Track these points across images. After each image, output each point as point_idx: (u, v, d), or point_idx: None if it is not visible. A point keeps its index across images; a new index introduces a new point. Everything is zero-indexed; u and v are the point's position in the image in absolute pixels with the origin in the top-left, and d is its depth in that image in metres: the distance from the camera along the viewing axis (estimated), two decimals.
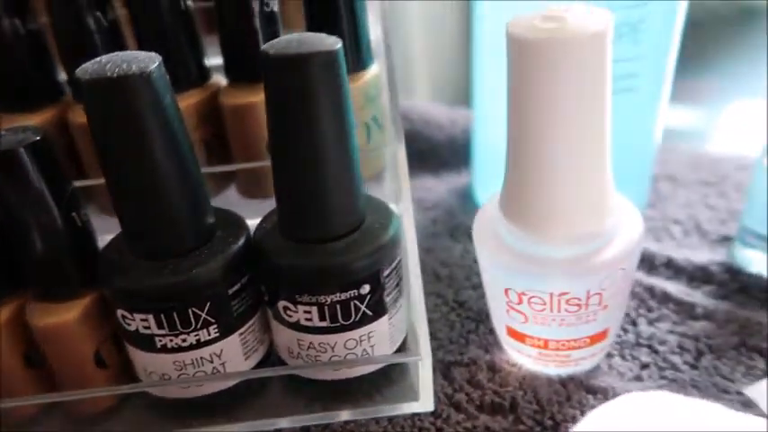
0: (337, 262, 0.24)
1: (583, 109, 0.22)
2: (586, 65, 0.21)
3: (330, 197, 0.24)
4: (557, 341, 0.26)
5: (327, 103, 0.23)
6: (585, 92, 0.21)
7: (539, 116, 0.22)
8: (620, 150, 0.34)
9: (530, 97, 0.22)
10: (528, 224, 0.24)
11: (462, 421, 0.27)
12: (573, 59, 0.20)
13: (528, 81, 0.21)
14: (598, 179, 0.23)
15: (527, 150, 0.23)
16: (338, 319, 0.25)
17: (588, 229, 0.24)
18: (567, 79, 0.21)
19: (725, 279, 0.33)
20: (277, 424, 0.27)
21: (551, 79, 0.21)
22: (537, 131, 0.22)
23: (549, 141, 0.22)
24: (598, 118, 0.22)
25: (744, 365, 0.28)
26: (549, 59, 0.20)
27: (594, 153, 0.23)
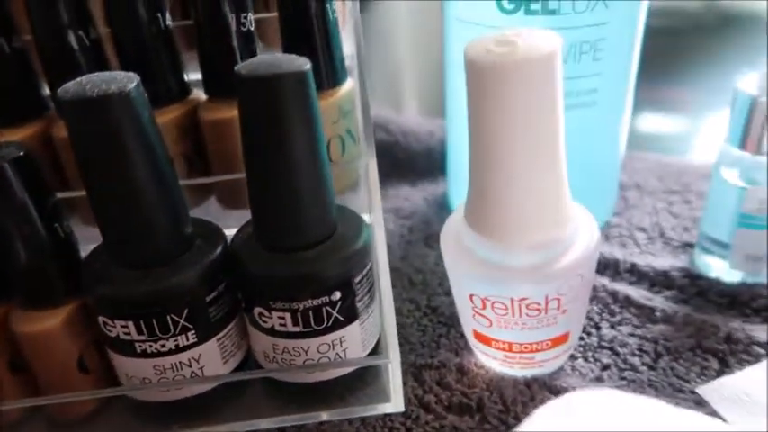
0: (309, 270, 0.26)
1: (536, 125, 0.23)
2: (537, 84, 0.22)
3: (302, 208, 0.26)
4: (520, 344, 0.28)
5: (298, 121, 0.24)
6: (538, 109, 0.23)
7: (495, 133, 0.23)
8: (586, 161, 0.36)
9: (486, 115, 0.23)
10: (489, 233, 0.26)
11: (431, 421, 0.28)
12: (524, 80, 0.22)
13: (483, 100, 0.23)
14: (554, 190, 0.25)
15: (486, 164, 0.24)
16: (311, 325, 0.27)
17: (546, 238, 0.25)
18: (520, 98, 0.22)
19: (684, 284, 0.34)
20: (254, 426, 0.28)
21: (505, 98, 0.22)
22: (494, 147, 0.24)
23: (505, 156, 0.24)
24: (551, 133, 0.24)
25: (699, 366, 0.29)
26: (502, 81, 0.22)
27: (549, 166, 0.24)
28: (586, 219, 0.27)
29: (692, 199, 0.42)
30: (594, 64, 0.32)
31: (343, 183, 0.34)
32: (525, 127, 0.23)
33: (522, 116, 0.23)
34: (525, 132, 0.23)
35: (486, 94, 0.23)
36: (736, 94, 0.31)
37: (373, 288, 0.29)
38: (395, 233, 0.42)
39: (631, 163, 0.47)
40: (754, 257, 0.33)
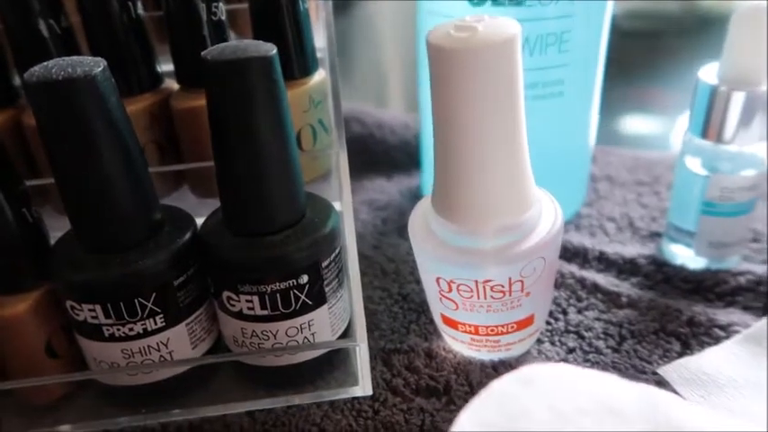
0: (276, 253, 0.26)
1: (496, 110, 0.24)
2: (496, 69, 0.23)
3: (269, 193, 0.26)
4: (486, 327, 0.28)
5: (264, 106, 0.24)
6: (498, 94, 0.23)
7: (456, 117, 0.24)
8: (556, 152, 0.37)
9: (447, 100, 0.24)
10: (453, 217, 0.26)
11: (398, 404, 0.28)
12: (483, 64, 0.22)
13: (445, 85, 0.23)
14: (517, 175, 0.25)
15: (449, 149, 0.25)
16: (279, 308, 0.27)
17: (509, 222, 0.26)
18: (479, 82, 0.23)
19: (651, 271, 0.35)
20: (224, 410, 0.28)
21: (465, 83, 0.23)
22: (456, 131, 0.24)
23: (467, 140, 0.24)
24: (512, 118, 0.24)
25: (661, 348, 0.30)
26: (461, 65, 0.22)
27: (511, 150, 0.25)
28: (550, 203, 0.28)
29: (661, 190, 0.43)
30: (561, 55, 0.33)
31: (316, 172, 0.35)
32: (486, 111, 0.23)
33: (482, 101, 0.23)
34: (486, 117, 0.23)
35: (446, 79, 0.23)
36: (697, 83, 0.32)
37: (342, 273, 0.29)
38: (368, 223, 0.42)
39: (605, 156, 0.47)
40: (717, 244, 0.34)
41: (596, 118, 0.38)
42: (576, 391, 0.20)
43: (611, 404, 0.19)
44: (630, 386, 0.20)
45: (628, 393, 0.20)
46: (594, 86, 0.36)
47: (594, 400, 0.19)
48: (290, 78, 0.32)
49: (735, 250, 0.34)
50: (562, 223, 0.27)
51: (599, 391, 0.20)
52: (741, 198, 0.32)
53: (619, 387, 0.20)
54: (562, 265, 0.36)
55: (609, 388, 0.20)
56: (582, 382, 0.20)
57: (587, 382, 0.20)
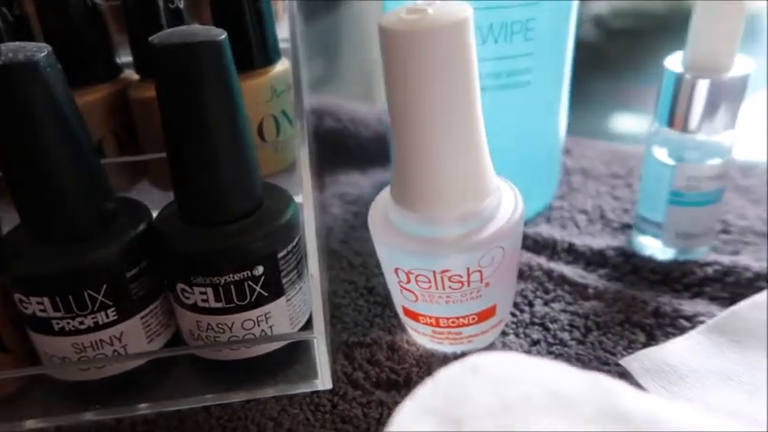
0: (230, 243, 0.25)
1: (450, 95, 0.23)
2: (448, 52, 0.22)
3: (222, 182, 0.25)
4: (446, 318, 0.28)
5: (214, 92, 0.24)
6: (450, 78, 0.23)
7: (409, 103, 0.23)
8: (525, 143, 0.36)
9: (400, 85, 0.23)
10: (410, 205, 0.26)
11: (358, 397, 0.28)
12: (434, 48, 0.22)
13: (396, 70, 0.23)
14: (473, 162, 0.25)
15: (404, 136, 0.24)
16: (234, 300, 0.26)
17: (466, 210, 0.25)
18: (430, 66, 0.22)
19: (619, 262, 0.35)
20: (180, 404, 0.28)
21: (415, 67, 0.22)
22: (409, 118, 0.24)
23: (421, 126, 0.24)
24: (466, 103, 0.24)
25: (626, 340, 0.30)
26: (411, 48, 0.22)
27: (466, 136, 0.24)
28: (510, 192, 0.28)
29: (635, 182, 0.43)
30: (527, 44, 0.33)
31: (280, 164, 0.34)
32: (439, 96, 0.23)
33: (434, 85, 0.23)
34: (439, 102, 0.23)
35: (398, 63, 0.23)
36: (663, 72, 0.31)
37: (302, 265, 0.28)
38: (339, 217, 0.41)
39: (580, 149, 0.47)
40: (684, 235, 0.34)
41: (566, 109, 0.38)
42: (523, 378, 0.19)
43: (558, 392, 0.19)
44: (581, 375, 0.20)
45: (578, 382, 0.20)
46: (563, 76, 0.36)
47: (542, 388, 0.19)
48: (250, 68, 0.32)
49: (703, 241, 0.34)
50: (522, 212, 0.27)
51: (548, 378, 0.19)
52: (708, 187, 0.32)
53: (569, 375, 0.20)
54: (531, 257, 0.35)
55: (558, 376, 0.20)
56: (530, 369, 0.20)
57: (536, 371, 0.20)
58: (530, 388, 0.19)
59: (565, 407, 0.19)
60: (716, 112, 0.31)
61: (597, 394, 0.20)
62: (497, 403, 0.18)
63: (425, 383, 0.19)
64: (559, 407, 0.19)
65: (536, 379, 0.19)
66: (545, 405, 0.19)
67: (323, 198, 0.44)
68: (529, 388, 0.19)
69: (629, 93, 0.64)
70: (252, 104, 0.31)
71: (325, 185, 0.46)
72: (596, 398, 0.20)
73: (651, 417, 0.19)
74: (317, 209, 0.36)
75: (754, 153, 0.45)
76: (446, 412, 0.18)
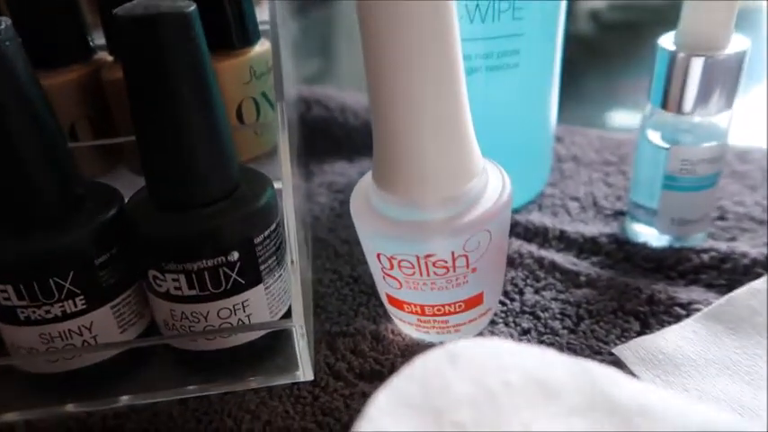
0: (202, 227, 0.24)
1: (431, 68, 0.22)
2: (426, 24, 0.21)
3: (193, 163, 0.24)
4: (432, 306, 0.27)
5: (182, 67, 0.23)
6: (430, 49, 0.22)
7: (388, 78, 0.22)
8: (514, 128, 0.35)
9: (378, 57, 0.22)
10: (391, 187, 0.25)
11: (340, 389, 0.27)
12: (412, 17, 0.21)
13: (374, 40, 0.22)
14: (457, 141, 0.24)
15: (384, 114, 0.23)
16: (208, 288, 0.25)
17: (449, 192, 0.24)
18: (409, 37, 0.21)
19: (612, 249, 0.34)
20: (154, 397, 0.27)
21: (394, 37, 0.21)
22: (389, 94, 0.23)
23: (401, 103, 0.23)
24: (448, 77, 0.23)
25: (619, 328, 0.29)
26: (389, 17, 0.21)
27: (450, 114, 0.23)
28: (498, 174, 0.26)
29: (628, 169, 0.41)
30: (515, 23, 0.31)
31: (261, 148, 0.33)
32: (419, 70, 0.22)
33: (414, 57, 0.21)
34: (420, 76, 0.22)
35: (375, 33, 0.21)
36: (657, 50, 0.30)
37: (281, 252, 0.27)
38: (326, 206, 0.40)
39: (572, 137, 0.46)
40: (680, 221, 0.33)
41: (557, 94, 0.37)
42: (505, 366, 0.18)
43: (544, 379, 0.18)
44: (568, 361, 0.19)
45: (564, 369, 0.19)
46: (554, 60, 0.35)
47: (526, 376, 0.18)
48: (228, 47, 0.30)
49: (699, 227, 0.33)
50: (510, 195, 0.26)
51: (532, 366, 0.18)
52: (703, 171, 0.31)
53: (554, 362, 0.19)
54: (521, 245, 0.34)
55: (543, 363, 0.18)
56: (513, 356, 0.19)
57: (519, 357, 0.19)
58: (512, 376, 0.18)
59: (551, 396, 0.18)
60: (711, 92, 0.30)
61: (585, 382, 0.19)
62: (478, 392, 0.17)
63: (400, 372, 0.18)
64: (545, 396, 0.18)
65: (519, 366, 0.18)
66: (529, 394, 0.18)
67: (310, 187, 0.43)
68: (511, 376, 0.18)
69: (621, 85, 0.62)
70: (230, 86, 0.30)
71: (312, 174, 0.44)
72: (584, 386, 0.19)
73: (643, 405, 0.18)
74: (299, 195, 0.35)
75: (751, 138, 0.44)
76: (423, 403, 0.17)
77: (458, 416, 0.18)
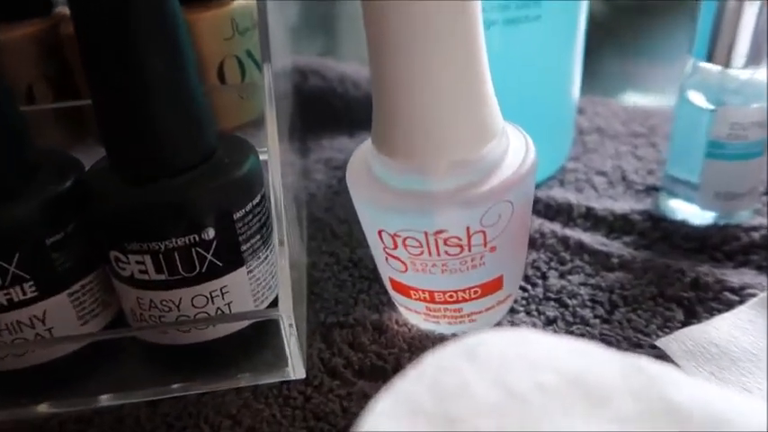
0: (169, 200, 0.21)
1: (440, 11, 0.18)
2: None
3: (158, 126, 0.20)
4: (443, 292, 0.23)
5: (143, 14, 0.19)
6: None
7: (390, 23, 0.18)
8: (534, 91, 0.31)
9: (380, 8, 0.18)
10: (396, 152, 0.21)
11: (336, 388, 0.23)
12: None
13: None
14: (472, 96, 0.20)
15: (385, 64, 0.19)
16: (179, 271, 0.21)
17: (463, 156, 0.20)
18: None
19: (646, 228, 0.30)
20: (118, 399, 0.23)
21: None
22: (391, 42, 0.19)
23: (404, 51, 0.19)
24: (461, 22, 0.19)
25: (660, 317, 0.25)
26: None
27: (463, 63, 0.19)
28: (519, 138, 0.22)
29: (659, 141, 0.37)
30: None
31: (247, 114, 0.29)
32: (426, 13, 0.18)
33: (423, 6, 0.17)
34: (427, 21, 0.18)
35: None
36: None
37: (268, 230, 0.23)
38: (323, 183, 0.37)
39: (594, 107, 0.42)
40: (725, 195, 0.28)
41: (581, 53, 0.33)
42: (537, 363, 0.14)
43: (586, 380, 0.14)
44: (615, 357, 0.15)
45: (611, 367, 0.15)
46: (579, 13, 0.31)
47: (563, 375, 0.14)
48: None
49: (746, 202, 0.29)
50: (535, 161, 0.22)
51: (571, 363, 0.14)
52: (754, 136, 0.27)
53: (599, 358, 0.15)
54: (542, 223, 0.30)
55: (585, 359, 0.15)
56: (548, 351, 0.15)
57: (555, 352, 0.15)
58: (547, 376, 0.14)
59: (596, 401, 0.14)
60: (765, 43, 0.25)
61: (639, 383, 0.15)
62: (504, 397, 0.14)
63: (406, 373, 0.14)
64: (589, 401, 0.15)
65: (555, 364, 0.14)
66: (569, 398, 0.14)
67: (306, 164, 0.39)
68: (545, 376, 0.14)
69: (637, 68, 0.58)
70: (209, 41, 0.26)
71: (308, 150, 0.40)
72: (639, 388, 0.15)
73: (712, 413, 0.14)
74: (293, 170, 0.31)
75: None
76: (435, 410, 0.13)
77: (478, 425, 0.14)
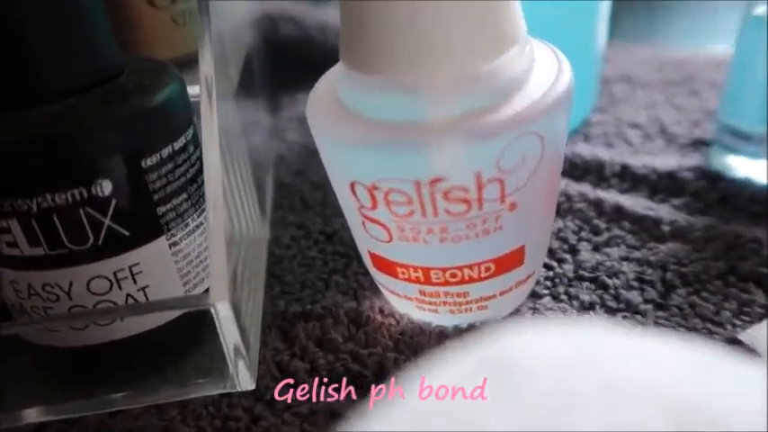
0: (37, 134, 0.14)
1: None
2: None
3: (19, 29, 0.14)
4: (442, 270, 0.16)
5: None
6: None
7: None
8: (548, 22, 0.25)
9: None
10: (371, 64, 0.14)
11: (296, 404, 0.17)
12: None
13: None
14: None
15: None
16: (63, 242, 0.15)
17: (469, 68, 0.14)
18: None
19: (701, 188, 0.23)
20: (5, 421, 0.17)
21: None
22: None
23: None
24: None
25: (735, 301, 0.18)
26: None
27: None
28: (550, 55, 0.16)
29: (702, 89, 0.31)
30: None
31: (186, 45, 0.23)
32: None
33: None
34: None
35: None
36: None
37: (200, 188, 0.17)
38: (296, 144, 0.30)
39: (617, 55, 0.35)
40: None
41: None
42: (618, 392, 0.08)
43: (675, 393, 0.08)
44: (716, 362, 0.09)
45: (709, 375, 0.09)
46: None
47: (671, 409, 0.08)
48: None
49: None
50: (571, 83, 0.15)
51: (673, 383, 0.08)
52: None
53: (689, 363, 0.08)
54: (567, 184, 0.24)
55: (668, 365, 0.08)
56: (626, 366, 0.09)
57: (626, 354, 0.08)
58: (646, 413, 0.08)
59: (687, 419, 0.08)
60: None
61: (747, 395, 0.09)
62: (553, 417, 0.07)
63: (398, 404, 0.08)
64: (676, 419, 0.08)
65: (651, 391, 0.08)
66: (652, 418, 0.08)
67: (277, 122, 0.33)
68: (644, 413, 0.08)
69: None
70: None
71: (280, 108, 0.34)
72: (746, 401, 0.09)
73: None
74: (254, 127, 0.25)
75: None
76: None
77: None
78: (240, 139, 0.21)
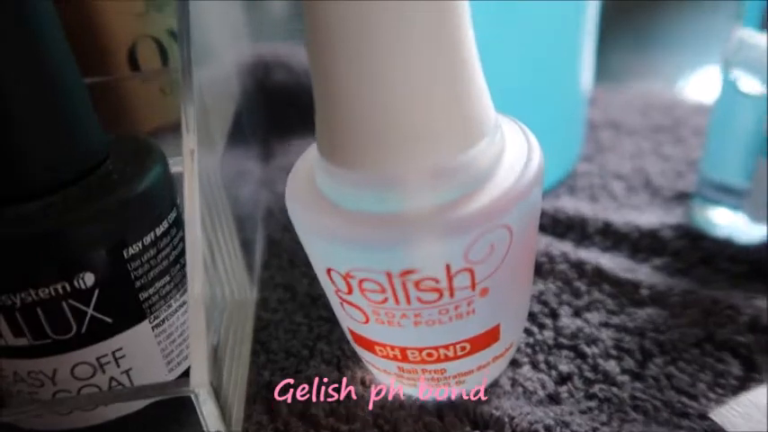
0: (20, 232, 0.14)
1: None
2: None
3: (8, 131, 0.14)
4: (418, 350, 0.17)
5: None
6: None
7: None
8: (535, 80, 0.25)
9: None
10: (348, 157, 0.15)
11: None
12: None
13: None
14: (455, 84, 0.14)
15: (338, 43, 0.13)
16: (46, 333, 0.15)
17: (440, 161, 0.14)
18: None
19: (682, 247, 0.24)
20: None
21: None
22: (350, 15, 0.13)
23: (361, 18, 0.13)
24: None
25: (711, 371, 0.19)
26: None
27: (444, 47, 0.13)
28: (519, 137, 0.16)
29: (688, 136, 0.31)
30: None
31: (174, 114, 0.23)
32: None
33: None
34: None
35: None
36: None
37: (184, 267, 0.17)
38: (283, 196, 0.30)
39: (605, 97, 0.36)
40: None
41: (593, 37, 0.27)
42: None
43: None
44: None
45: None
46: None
47: None
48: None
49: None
50: (541, 167, 0.16)
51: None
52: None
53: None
54: (550, 243, 0.24)
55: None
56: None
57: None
58: None
59: None
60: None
61: None
62: None
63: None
64: None
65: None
66: None
67: (268, 172, 0.33)
68: None
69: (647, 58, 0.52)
70: (115, 18, 0.20)
71: (273, 155, 0.34)
72: None
73: None
74: (242, 178, 0.25)
75: None
76: None
77: None
78: (227, 208, 0.21)
